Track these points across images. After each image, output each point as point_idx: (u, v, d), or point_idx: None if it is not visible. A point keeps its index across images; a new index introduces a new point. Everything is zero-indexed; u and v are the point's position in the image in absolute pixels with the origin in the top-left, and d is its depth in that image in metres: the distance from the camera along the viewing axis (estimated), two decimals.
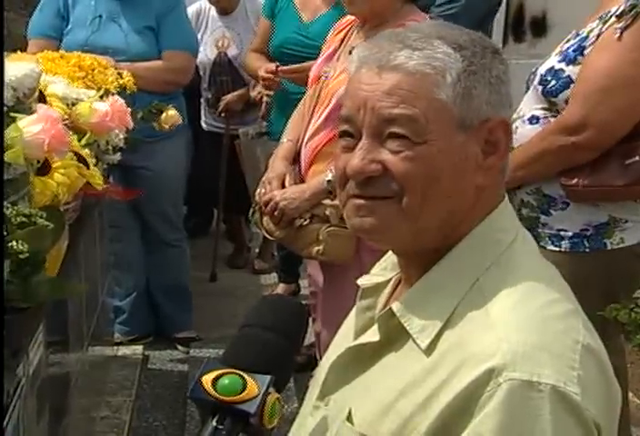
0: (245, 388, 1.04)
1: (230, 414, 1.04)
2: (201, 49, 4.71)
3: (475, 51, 1.11)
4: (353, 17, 2.73)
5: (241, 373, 1.05)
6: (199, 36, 4.74)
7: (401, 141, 1.08)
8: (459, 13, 3.72)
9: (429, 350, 1.08)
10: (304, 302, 4.26)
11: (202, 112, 4.96)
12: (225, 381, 1.04)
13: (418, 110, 1.08)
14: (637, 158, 2.21)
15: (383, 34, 1.14)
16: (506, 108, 1.14)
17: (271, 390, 1.06)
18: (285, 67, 3.55)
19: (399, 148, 1.09)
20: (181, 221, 4.14)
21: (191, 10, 4.80)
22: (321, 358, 1.33)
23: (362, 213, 1.13)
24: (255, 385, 1.04)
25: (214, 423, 1.04)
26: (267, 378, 1.05)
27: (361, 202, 1.12)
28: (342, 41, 2.74)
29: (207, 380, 1.05)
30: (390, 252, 1.27)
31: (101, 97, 2.47)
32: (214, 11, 4.82)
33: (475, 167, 1.11)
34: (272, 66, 3.61)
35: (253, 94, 4.54)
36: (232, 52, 4.68)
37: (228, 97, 4.71)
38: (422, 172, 1.08)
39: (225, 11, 4.78)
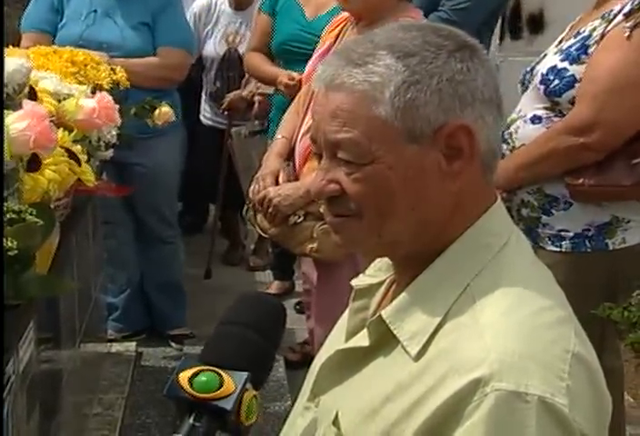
0: (221, 385, 1.03)
1: (207, 411, 1.03)
2: (210, 42, 4.69)
3: (424, 56, 1.07)
4: (348, 14, 2.71)
5: (218, 370, 1.04)
6: (208, 29, 4.70)
7: (349, 164, 1.09)
8: (471, 7, 3.66)
9: (418, 355, 1.06)
10: (298, 300, 4.25)
11: (202, 106, 4.89)
12: (201, 378, 1.04)
13: (359, 131, 1.07)
14: None
15: (337, 49, 1.15)
16: (471, 108, 1.08)
17: (248, 386, 1.04)
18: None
19: (349, 170, 1.09)
20: (175, 217, 4.12)
21: (200, 2, 4.77)
22: (315, 355, 1.32)
23: (333, 230, 1.15)
24: (231, 382, 1.03)
25: (191, 421, 1.03)
26: (244, 375, 1.04)
27: (331, 219, 1.15)
28: (337, 37, 2.73)
29: (184, 377, 1.04)
30: None
31: (93, 93, 2.44)
32: (226, 5, 4.73)
33: (440, 175, 1.08)
34: (294, 74, 3.49)
35: (244, 93, 4.49)
36: (242, 48, 4.55)
37: (231, 96, 4.63)
38: (373, 191, 1.09)
39: (240, 6, 4.70)
